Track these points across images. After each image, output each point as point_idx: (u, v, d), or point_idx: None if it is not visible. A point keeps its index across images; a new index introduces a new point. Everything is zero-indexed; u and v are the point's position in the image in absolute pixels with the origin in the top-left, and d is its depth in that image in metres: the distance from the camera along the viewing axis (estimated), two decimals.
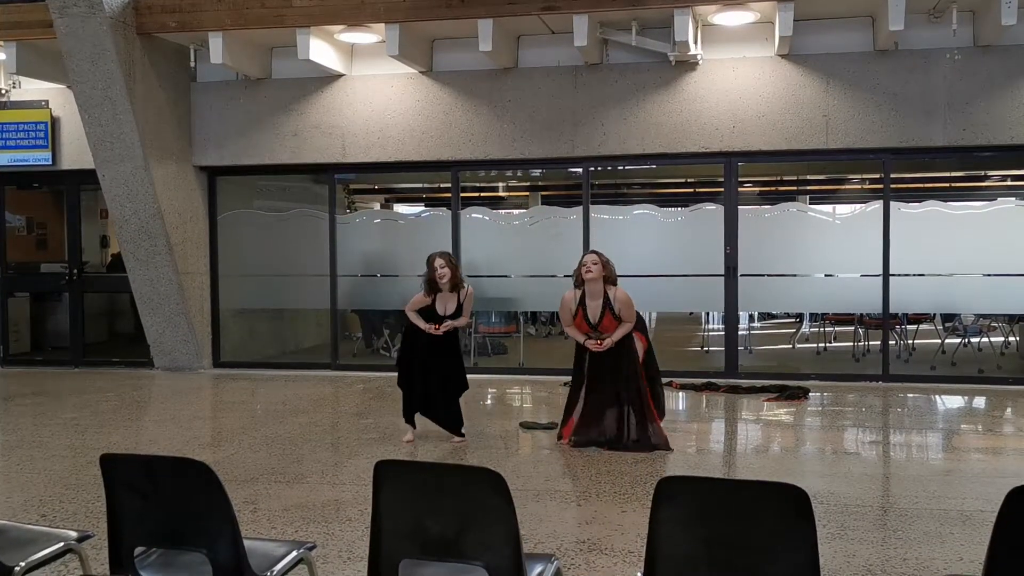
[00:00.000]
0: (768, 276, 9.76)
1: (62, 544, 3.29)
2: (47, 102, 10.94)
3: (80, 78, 9.31)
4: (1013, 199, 10.96)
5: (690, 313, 14.56)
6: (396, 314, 11.84)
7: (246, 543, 2.94)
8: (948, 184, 13.82)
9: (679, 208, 10.45)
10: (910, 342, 11.19)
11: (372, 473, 2.82)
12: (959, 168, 12.75)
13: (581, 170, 10.02)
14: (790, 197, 13.19)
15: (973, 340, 11.09)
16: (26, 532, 3.45)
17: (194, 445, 6.96)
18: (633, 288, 8.50)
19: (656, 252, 9.84)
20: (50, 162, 10.97)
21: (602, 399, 6.62)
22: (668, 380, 9.41)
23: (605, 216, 9.99)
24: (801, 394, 8.67)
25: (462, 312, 6.74)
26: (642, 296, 7.96)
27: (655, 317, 14.09)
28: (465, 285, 6.81)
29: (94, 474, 3.99)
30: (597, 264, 6.46)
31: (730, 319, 9.88)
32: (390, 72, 10.03)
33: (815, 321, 12.68)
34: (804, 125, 9.25)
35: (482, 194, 14.57)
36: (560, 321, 6.91)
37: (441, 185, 12.88)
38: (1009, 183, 14.01)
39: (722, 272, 9.65)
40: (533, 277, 10.27)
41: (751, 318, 13.04)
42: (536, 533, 4.70)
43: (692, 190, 13.54)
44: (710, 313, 12.90)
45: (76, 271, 11.40)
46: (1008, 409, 8.37)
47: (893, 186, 9.53)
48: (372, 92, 10.16)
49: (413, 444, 6.79)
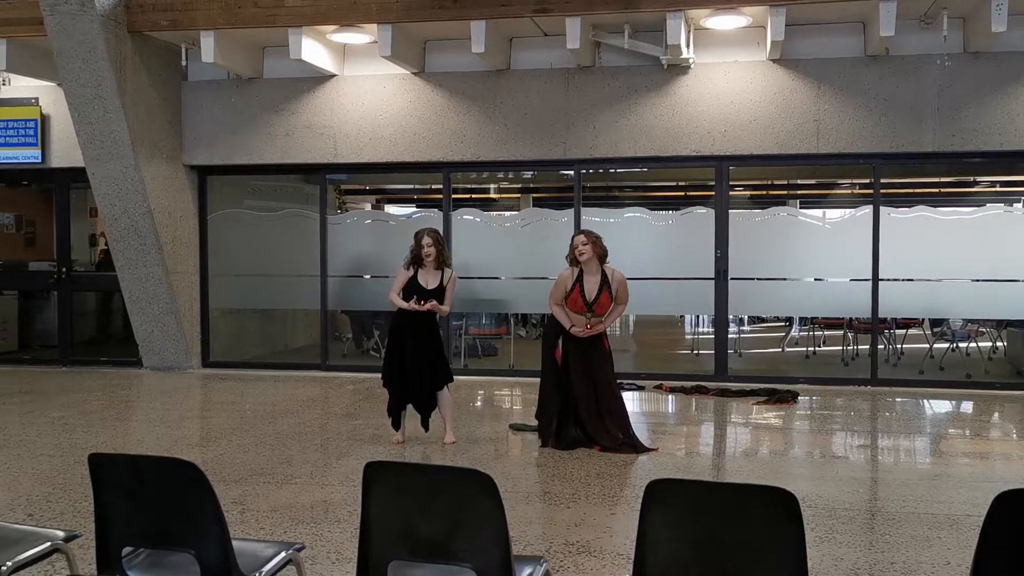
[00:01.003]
0: (758, 280, 9.79)
1: (49, 544, 3.27)
2: (37, 99, 10.90)
3: (70, 76, 9.28)
4: (1002, 205, 11.02)
5: (680, 317, 14.60)
6: (386, 315, 11.85)
7: (234, 543, 2.92)
8: (937, 190, 13.88)
9: (670, 211, 10.46)
10: (899, 346, 11.24)
11: (361, 474, 2.82)
12: (949, 174, 12.80)
13: (573, 172, 10.03)
14: (780, 201, 13.24)
15: (961, 345, 11.13)
16: (12, 532, 3.43)
17: (182, 445, 6.94)
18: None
19: (647, 255, 9.84)
20: (40, 160, 10.92)
21: (580, 397, 6.63)
22: (658, 383, 9.47)
23: (596, 219, 10.00)
24: (790, 397, 8.69)
25: (445, 294, 6.66)
26: (632, 299, 7.95)
27: (633, 320, 14.14)
28: (450, 266, 6.80)
29: (82, 473, 3.97)
30: (587, 245, 6.56)
31: (720, 322, 9.91)
32: (382, 73, 10.03)
33: (804, 325, 12.72)
34: (795, 129, 9.28)
35: (474, 196, 14.58)
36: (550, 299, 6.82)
37: (433, 186, 12.87)
38: (998, 189, 14.09)
39: (712, 276, 9.67)
40: (524, 279, 10.27)
41: (741, 321, 13.07)
42: (525, 535, 4.70)
43: (683, 193, 13.57)
44: (700, 316, 12.93)
45: (65, 269, 11.35)
46: (995, 414, 8.42)
47: (883, 191, 9.56)
48: (364, 93, 10.15)
49: (403, 444, 6.78)
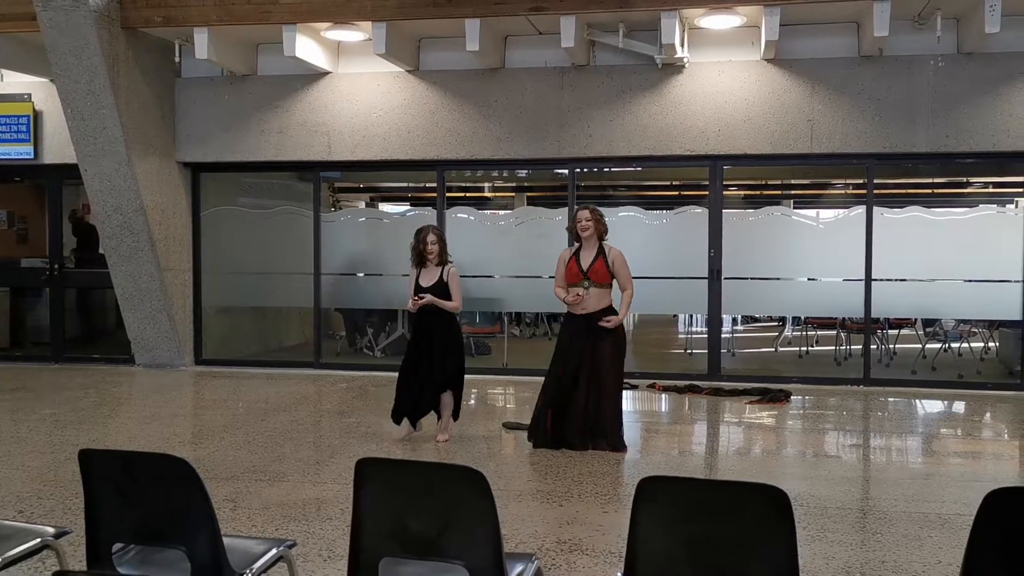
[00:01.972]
0: (752, 279, 9.80)
1: (39, 540, 3.27)
2: (30, 95, 10.87)
3: (63, 72, 9.25)
4: (995, 206, 11.05)
5: (674, 316, 14.62)
6: (380, 313, 11.84)
7: (225, 540, 2.92)
8: (931, 190, 13.91)
9: (664, 210, 10.47)
10: (891, 346, 11.27)
11: (353, 471, 2.82)
12: (942, 174, 12.84)
13: (567, 171, 10.03)
14: (774, 201, 13.24)
15: (953, 345, 11.16)
16: (2, 528, 3.41)
17: (174, 442, 6.92)
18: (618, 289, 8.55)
19: (641, 254, 9.78)
20: (32, 156, 10.89)
21: (578, 394, 6.60)
22: (651, 382, 9.48)
23: None
24: (783, 397, 8.70)
25: (448, 289, 6.68)
26: None
27: (635, 319, 14.12)
28: (451, 261, 6.82)
29: (72, 470, 3.94)
30: (591, 221, 6.60)
31: (713, 322, 9.92)
32: (376, 70, 10.01)
33: (797, 325, 12.74)
34: (789, 129, 9.30)
35: (468, 194, 14.56)
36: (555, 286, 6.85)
37: (427, 184, 12.86)
38: (991, 190, 14.13)
39: (706, 275, 9.68)
40: (518, 278, 10.27)
41: (734, 321, 13.09)
42: (517, 533, 4.70)
43: (677, 193, 13.57)
44: (693, 316, 12.94)
45: (57, 266, 11.32)
46: (987, 414, 8.44)
47: (876, 191, 9.58)
48: (358, 90, 10.14)
49: (408, 439, 6.81)
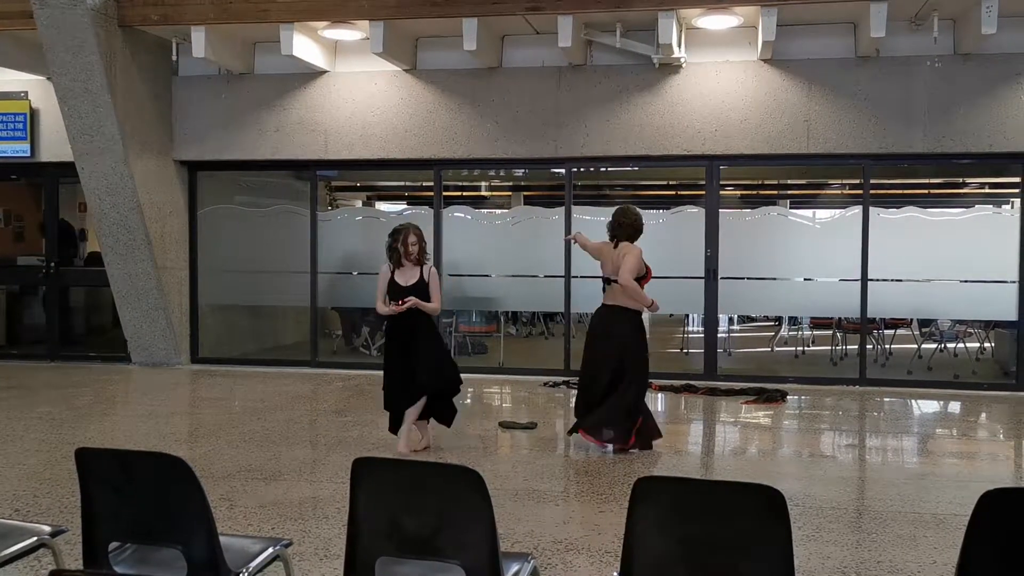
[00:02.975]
0: (748, 279, 9.81)
1: (35, 539, 3.26)
2: (26, 93, 10.84)
3: (60, 70, 9.23)
4: (991, 207, 11.06)
5: (670, 315, 14.61)
6: (376, 312, 11.82)
7: (222, 539, 2.92)
8: (927, 191, 13.93)
9: (661, 210, 10.47)
10: (887, 347, 11.29)
11: (350, 470, 2.82)
12: (938, 175, 12.86)
13: (564, 171, 10.03)
14: (771, 201, 13.25)
15: (949, 345, 11.18)
16: None
17: (171, 441, 6.92)
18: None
19: None
20: (29, 154, 10.87)
21: (590, 377, 6.57)
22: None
23: (587, 217, 10.00)
24: (779, 397, 8.71)
25: (428, 290, 6.36)
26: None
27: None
28: (428, 260, 6.56)
29: (69, 469, 3.94)
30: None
31: (710, 321, 9.93)
32: (374, 69, 10.01)
33: (794, 325, 12.76)
34: (785, 130, 9.30)
35: (464, 193, 14.55)
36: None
37: (423, 183, 12.85)
38: (987, 191, 14.14)
39: (702, 275, 9.69)
40: (514, 277, 10.27)
41: (730, 321, 13.10)
42: (514, 532, 4.70)
43: (674, 193, 13.57)
44: (689, 315, 12.94)
45: (53, 264, 11.30)
46: (982, 414, 8.46)
47: (872, 192, 9.58)
48: (355, 89, 10.13)
49: (413, 449, 6.45)
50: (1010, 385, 9.34)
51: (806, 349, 11.96)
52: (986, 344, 11.36)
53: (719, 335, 10.28)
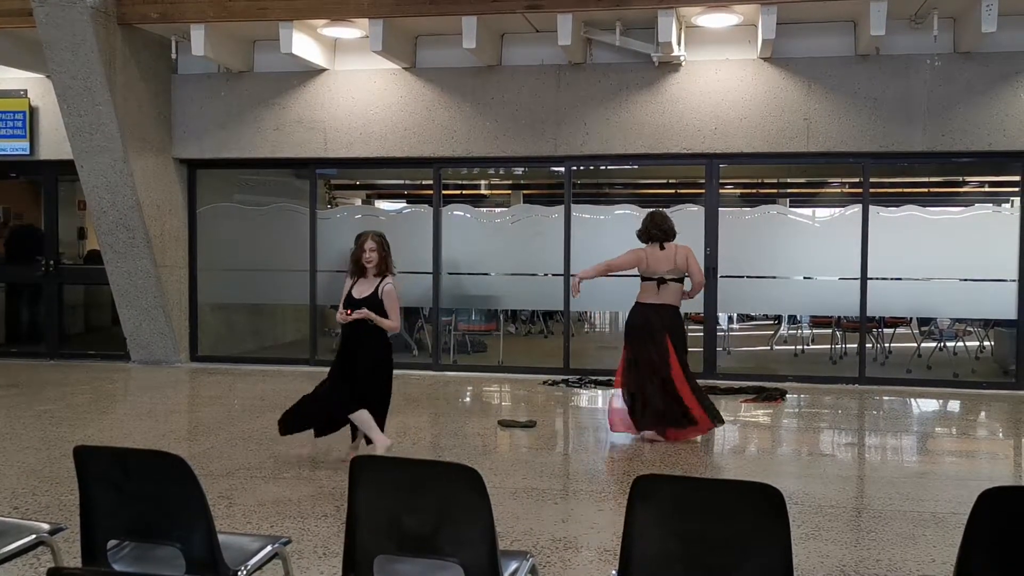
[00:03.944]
0: (747, 278, 9.81)
1: (34, 537, 3.26)
2: (26, 91, 10.83)
3: (59, 68, 9.22)
4: (990, 205, 11.06)
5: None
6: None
7: (220, 537, 2.92)
8: (926, 189, 13.92)
9: (660, 209, 10.45)
10: (886, 345, 11.29)
11: (348, 469, 2.82)
12: (938, 173, 12.85)
13: (563, 169, 10.02)
14: (770, 200, 13.25)
15: (948, 344, 11.18)
16: None
17: (170, 439, 6.92)
18: (614, 288, 8.59)
19: None
20: (28, 152, 10.87)
21: (649, 379, 6.72)
22: None
23: (587, 215, 10.01)
24: (778, 395, 8.72)
25: (383, 307, 5.99)
26: (621, 296, 7.98)
27: (622, 317, 14.11)
28: (393, 273, 6.19)
29: (68, 467, 3.94)
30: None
31: (709, 320, 9.93)
32: (373, 68, 10.00)
33: (793, 323, 12.76)
34: (785, 128, 9.30)
35: (464, 191, 14.54)
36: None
37: (423, 182, 12.83)
38: (987, 189, 14.14)
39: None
40: (514, 275, 10.26)
41: (730, 319, 13.10)
42: (512, 530, 4.70)
43: (673, 191, 13.57)
44: (688, 314, 12.92)
45: (52, 262, 11.30)
46: (982, 413, 8.46)
47: (872, 190, 9.58)
48: (355, 87, 10.13)
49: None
50: (1009, 384, 9.35)
51: (805, 348, 11.96)
52: (985, 343, 11.36)
53: (718, 334, 10.27)
